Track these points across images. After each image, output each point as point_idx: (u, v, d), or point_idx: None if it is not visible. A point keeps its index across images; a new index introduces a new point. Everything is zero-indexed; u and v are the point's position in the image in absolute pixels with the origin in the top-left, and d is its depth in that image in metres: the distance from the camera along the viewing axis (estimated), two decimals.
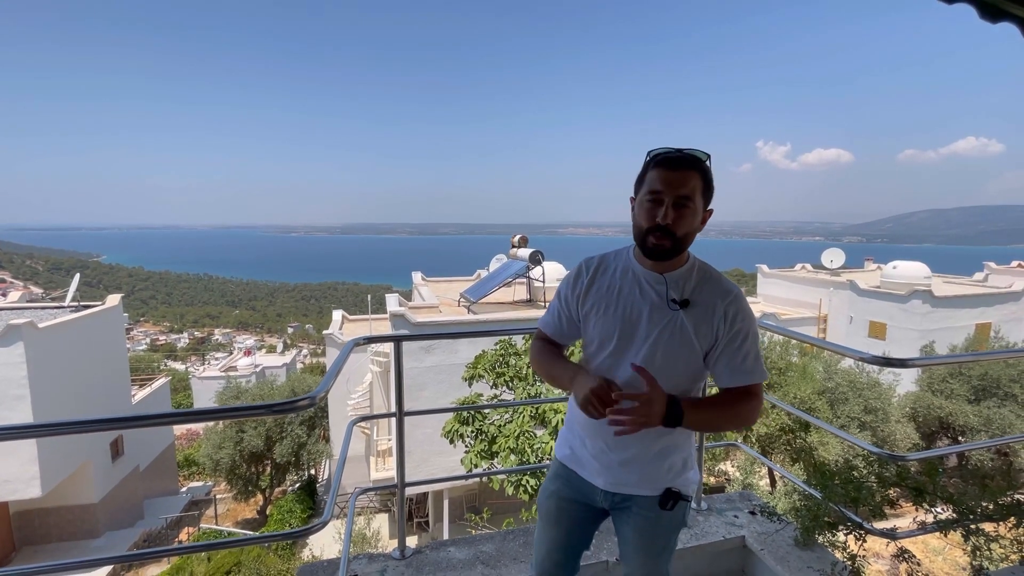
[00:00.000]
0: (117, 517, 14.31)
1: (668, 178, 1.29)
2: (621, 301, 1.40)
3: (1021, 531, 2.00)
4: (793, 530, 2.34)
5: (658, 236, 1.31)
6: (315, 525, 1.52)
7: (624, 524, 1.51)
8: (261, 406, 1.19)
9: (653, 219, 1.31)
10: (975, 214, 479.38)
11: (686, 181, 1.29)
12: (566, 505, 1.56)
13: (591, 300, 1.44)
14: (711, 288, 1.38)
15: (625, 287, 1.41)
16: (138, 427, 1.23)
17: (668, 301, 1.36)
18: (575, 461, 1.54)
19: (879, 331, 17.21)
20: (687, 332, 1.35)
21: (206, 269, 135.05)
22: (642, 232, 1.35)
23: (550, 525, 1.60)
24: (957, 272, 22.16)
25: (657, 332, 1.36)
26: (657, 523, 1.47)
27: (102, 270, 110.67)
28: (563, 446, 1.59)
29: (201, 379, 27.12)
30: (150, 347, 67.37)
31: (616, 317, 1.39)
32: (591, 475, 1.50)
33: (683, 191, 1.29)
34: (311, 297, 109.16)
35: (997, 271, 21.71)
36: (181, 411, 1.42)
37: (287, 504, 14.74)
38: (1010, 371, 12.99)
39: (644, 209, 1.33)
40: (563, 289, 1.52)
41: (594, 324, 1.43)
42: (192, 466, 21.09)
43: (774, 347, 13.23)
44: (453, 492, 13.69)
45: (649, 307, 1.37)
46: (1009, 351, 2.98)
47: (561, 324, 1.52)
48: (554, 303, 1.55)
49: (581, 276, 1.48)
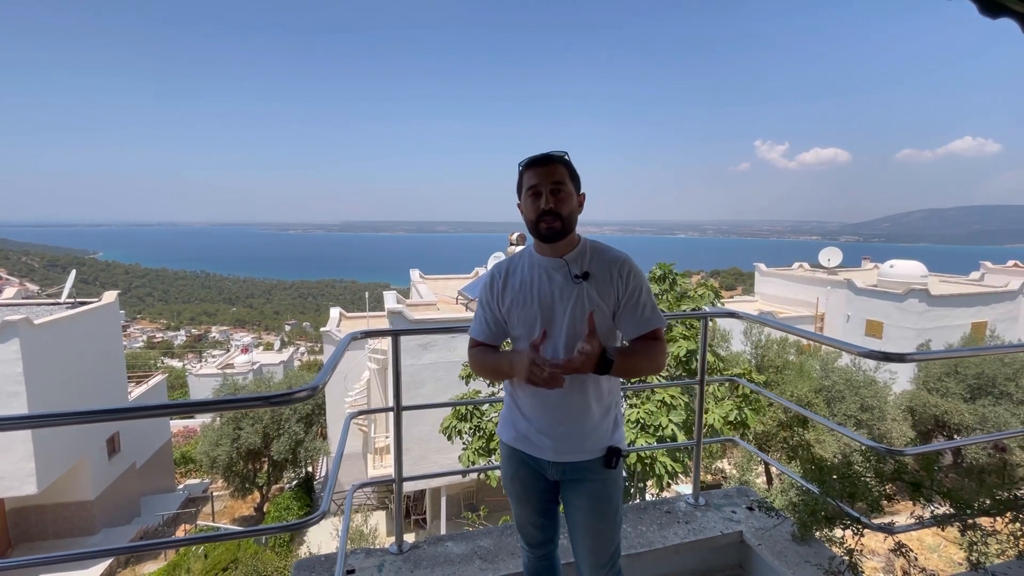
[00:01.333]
0: (114, 514, 14.27)
1: (540, 172, 1.55)
2: (534, 291, 1.59)
3: (1017, 526, 2.01)
4: (791, 525, 2.34)
5: (548, 220, 1.53)
6: (312, 518, 1.52)
7: (578, 494, 1.64)
8: (259, 397, 1.18)
9: (538, 208, 1.53)
10: (972, 214, 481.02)
11: (554, 171, 1.54)
12: (530, 481, 1.70)
13: (509, 298, 1.63)
14: (602, 258, 1.61)
15: (535, 278, 1.61)
16: (136, 418, 1.22)
17: (572, 277, 1.57)
18: (522, 441, 1.66)
19: (876, 330, 17.26)
20: (594, 298, 1.56)
21: (203, 266, 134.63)
22: (534, 222, 1.56)
23: (522, 502, 1.75)
24: (954, 271, 22.25)
25: (571, 306, 1.55)
26: (607, 483, 1.64)
27: (98, 267, 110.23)
28: (507, 429, 1.71)
29: (198, 376, 27.05)
30: (147, 344, 67.13)
31: (534, 305, 1.58)
32: (539, 451, 1.63)
33: (555, 178, 1.54)
34: (308, 295, 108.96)
35: (993, 270, 21.79)
36: (178, 402, 1.41)
37: (284, 501, 14.72)
38: (1006, 369, 13.04)
39: (529, 203, 1.56)
40: (483, 297, 1.69)
41: (517, 317, 1.61)
42: (189, 463, 21.03)
43: (771, 345, 13.27)
44: (451, 489, 13.70)
45: (559, 288, 1.58)
46: (1006, 346, 2.98)
47: (489, 327, 1.68)
48: (479, 312, 1.71)
49: (495, 281, 1.67)
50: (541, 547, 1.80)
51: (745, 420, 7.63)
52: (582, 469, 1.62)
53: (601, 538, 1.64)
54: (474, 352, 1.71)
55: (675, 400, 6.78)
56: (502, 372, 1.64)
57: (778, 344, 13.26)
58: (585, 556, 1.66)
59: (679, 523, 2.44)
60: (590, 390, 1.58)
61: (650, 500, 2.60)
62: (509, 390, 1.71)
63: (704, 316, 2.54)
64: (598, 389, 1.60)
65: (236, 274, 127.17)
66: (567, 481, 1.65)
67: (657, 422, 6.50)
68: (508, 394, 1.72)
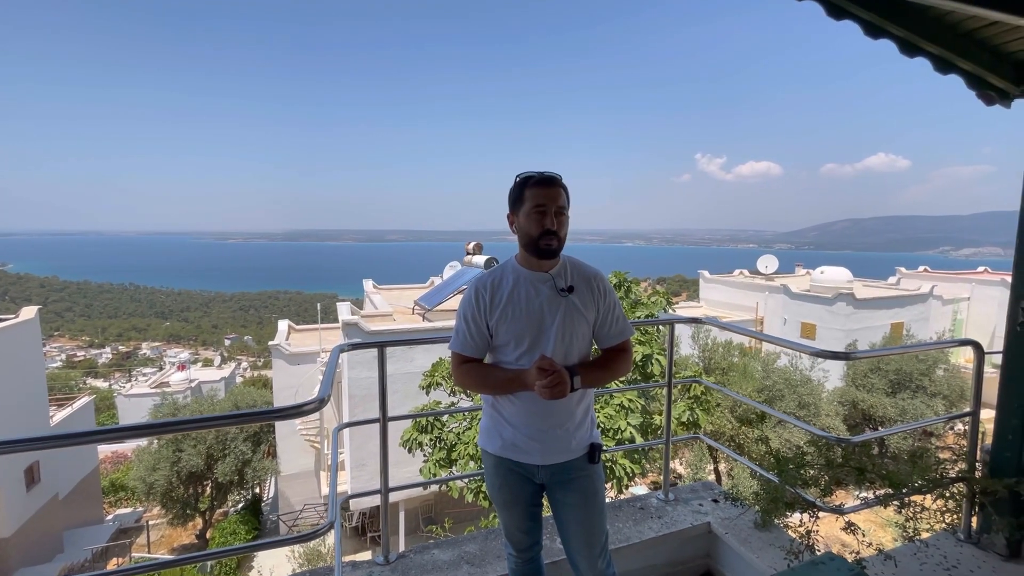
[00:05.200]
0: (32, 552, 13.01)
1: (548, 193, 1.64)
2: (523, 303, 1.68)
3: (942, 503, 2.28)
4: (753, 515, 2.53)
5: (548, 239, 1.64)
6: (321, 529, 1.52)
7: (567, 492, 1.74)
8: (270, 410, 1.19)
9: (542, 226, 1.63)
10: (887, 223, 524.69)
11: (559, 195, 1.66)
12: (517, 488, 1.78)
13: (497, 312, 1.69)
14: (582, 273, 1.76)
15: (522, 291, 1.69)
16: (100, 442, 1.19)
17: (559, 291, 1.69)
18: (509, 449, 1.73)
19: (810, 332, 18.53)
20: (580, 310, 1.70)
21: (131, 278, 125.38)
22: (534, 239, 1.65)
23: (508, 508, 1.82)
24: (873, 276, 24.25)
25: (560, 317, 1.67)
26: (592, 478, 1.76)
27: (8, 280, 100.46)
28: (492, 439, 1.77)
29: (128, 397, 25.14)
30: (66, 363, 61.67)
31: (523, 317, 1.67)
32: (527, 456, 1.71)
33: (560, 202, 1.65)
34: (250, 307, 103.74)
35: (907, 275, 23.96)
36: (166, 421, 1.34)
37: (230, 526, 13.94)
38: (920, 366, 14.36)
39: (532, 220, 1.65)
40: (468, 312, 1.73)
41: (506, 329, 1.68)
42: (120, 491, 19.47)
43: (717, 348, 13.96)
44: (408, 504, 13.44)
45: (547, 300, 1.68)
46: (937, 343, 3.35)
47: (476, 342, 1.73)
48: (461, 327, 1.74)
49: (481, 296, 1.72)
50: (528, 550, 1.88)
51: (697, 420, 8.01)
52: (569, 468, 1.73)
53: (593, 529, 1.74)
54: (464, 368, 1.74)
55: (632, 404, 7.02)
56: (508, 388, 1.69)
57: (723, 347, 13.98)
58: (580, 549, 1.74)
59: (652, 518, 2.58)
60: (573, 394, 1.68)
61: (623, 498, 2.73)
62: (490, 401, 1.76)
63: (671, 322, 2.71)
64: (578, 392, 1.71)
65: (169, 286, 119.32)
66: (555, 482, 1.74)
67: (616, 425, 6.72)
68: (489, 405, 1.78)
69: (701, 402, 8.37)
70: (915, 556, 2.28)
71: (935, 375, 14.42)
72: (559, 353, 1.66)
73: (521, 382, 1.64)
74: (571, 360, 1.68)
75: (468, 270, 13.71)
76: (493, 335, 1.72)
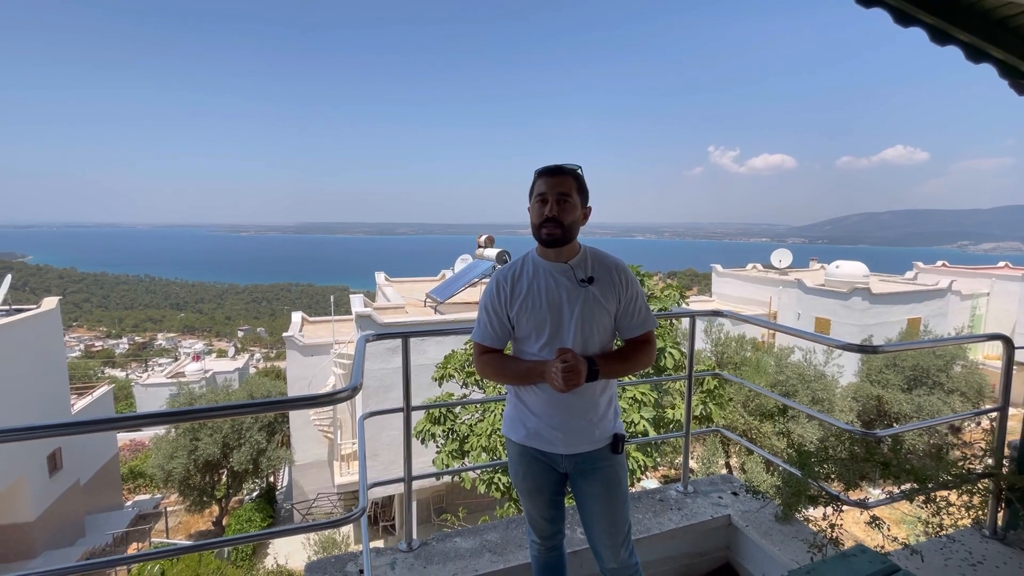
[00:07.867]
0: (56, 536, 13.36)
1: (549, 182, 1.65)
2: (543, 294, 1.68)
3: (967, 498, 2.25)
4: (774, 508, 2.52)
5: (550, 227, 1.64)
6: (353, 514, 1.54)
7: (590, 482, 1.74)
8: (304, 397, 1.21)
9: (543, 214, 1.65)
10: (904, 217, 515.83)
11: (563, 182, 1.65)
12: (541, 477, 1.79)
13: (518, 302, 1.70)
14: (604, 264, 1.74)
15: (542, 282, 1.70)
16: (131, 429, 1.21)
17: (579, 281, 1.68)
18: (533, 438, 1.74)
19: (824, 327, 18.31)
20: (600, 301, 1.68)
21: (147, 270, 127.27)
22: (537, 227, 1.67)
23: (532, 497, 1.83)
24: (890, 271, 23.86)
25: (579, 308, 1.66)
26: (616, 468, 1.76)
27: (28, 271, 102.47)
28: (516, 428, 1.78)
29: (145, 386, 25.65)
30: (85, 353, 62.94)
31: (543, 308, 1.67)
32: (551, 445, 1.72)
33: (562, 189, 1.64)
34: (263, 299, 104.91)
35: (925, 270, 23.55)
36: (198, 408, 1.35)
37: (246, 513, 14.19)
38: (938, 362, 14.14)
39: (535, 209, 1.68)
40: (489, 303, 1.75)
41: (527, 319, 1.69)
42: (139, 478, 19.90)
43: (729, 342, 13.86)
44: (420, 494, 13.58)
45: (566, 291, 1.68)
46: (964, 337, 3.30)
47: (496, 332, 1.75)
48: (483, 317, 1.77)
49: (502, 286, 1.74)
50: (551, 538, 1.90)
51: (710, 415, 7.99)
52: (593, 458, 1.73)
53: (616, 519, 1.75)
54: (485, 358, 1.76)
55: (645, 397, 7.01)
56: (529, 379, 1.70)
57: (736, 342, 13.87)
58: (603, 538, 1.76)
59: (672, 510, 2.59)
60: (595, 384, 1.69)
61: (643, 490, 2.74)
62: (515, 390, 1.78)
63: (692, 315, 2.70)
64: (601, 382, 1.71)
65: (184, 278, 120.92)
66: (578, 472, 1.75)
67: (630, 419, 6.72)
68: (514, 394, 1.79)
69: (714, 396, 8.34)
70: (940, 551, 2.26)
71: (952, 371, 14.19)
72: (578, 344, 1.66)
73: (539, 373, 1.65)
74: (591, 351, 1.68)
75: (479, 263, 13.73)
76: (514, 326, 1.73)
